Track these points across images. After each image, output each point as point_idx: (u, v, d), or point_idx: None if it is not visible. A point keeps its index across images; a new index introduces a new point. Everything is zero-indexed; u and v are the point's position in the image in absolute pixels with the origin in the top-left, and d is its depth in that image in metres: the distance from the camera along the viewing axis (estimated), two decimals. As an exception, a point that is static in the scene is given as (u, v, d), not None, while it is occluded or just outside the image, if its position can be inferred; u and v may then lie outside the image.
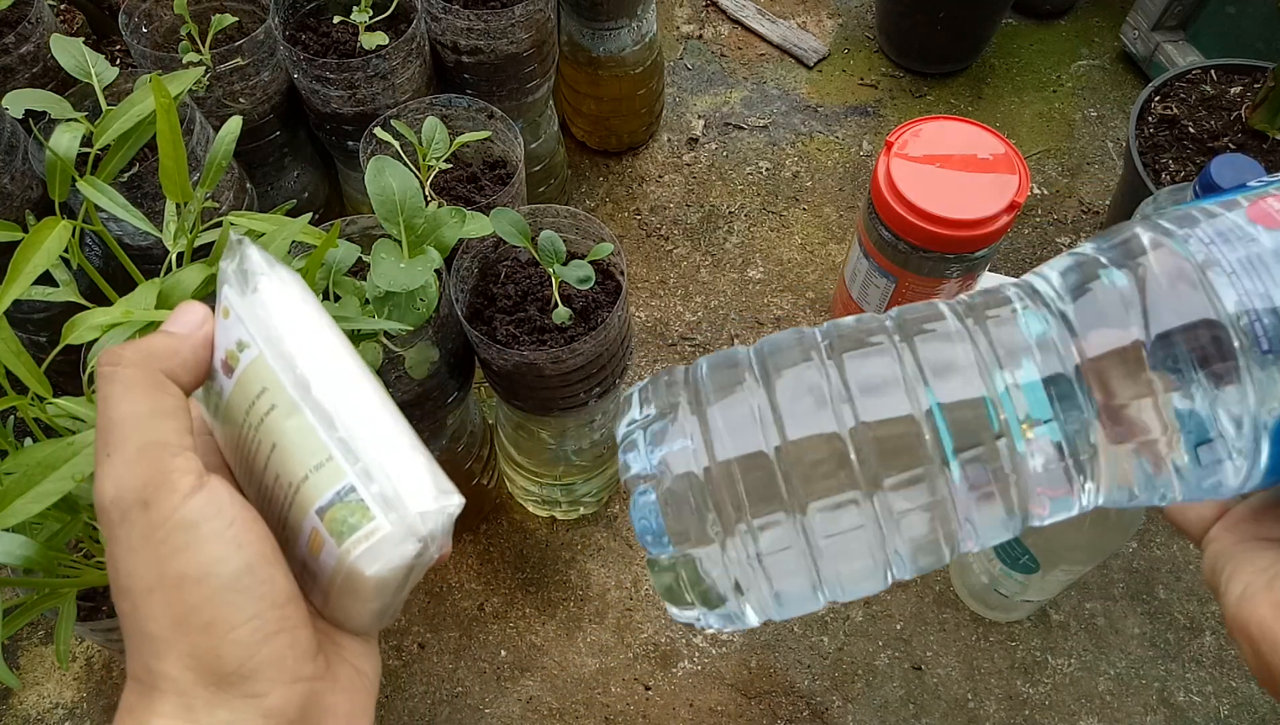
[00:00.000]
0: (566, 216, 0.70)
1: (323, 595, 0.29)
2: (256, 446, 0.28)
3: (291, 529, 0.28)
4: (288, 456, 0.28)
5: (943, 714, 0.82)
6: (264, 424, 0.28)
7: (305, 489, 0.27)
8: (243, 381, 0.28)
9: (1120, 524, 0.68)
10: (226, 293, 0.29)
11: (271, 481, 0.28)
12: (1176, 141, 0.94)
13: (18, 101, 0.58)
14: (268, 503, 0.29)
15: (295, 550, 0.29)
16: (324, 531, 0.27)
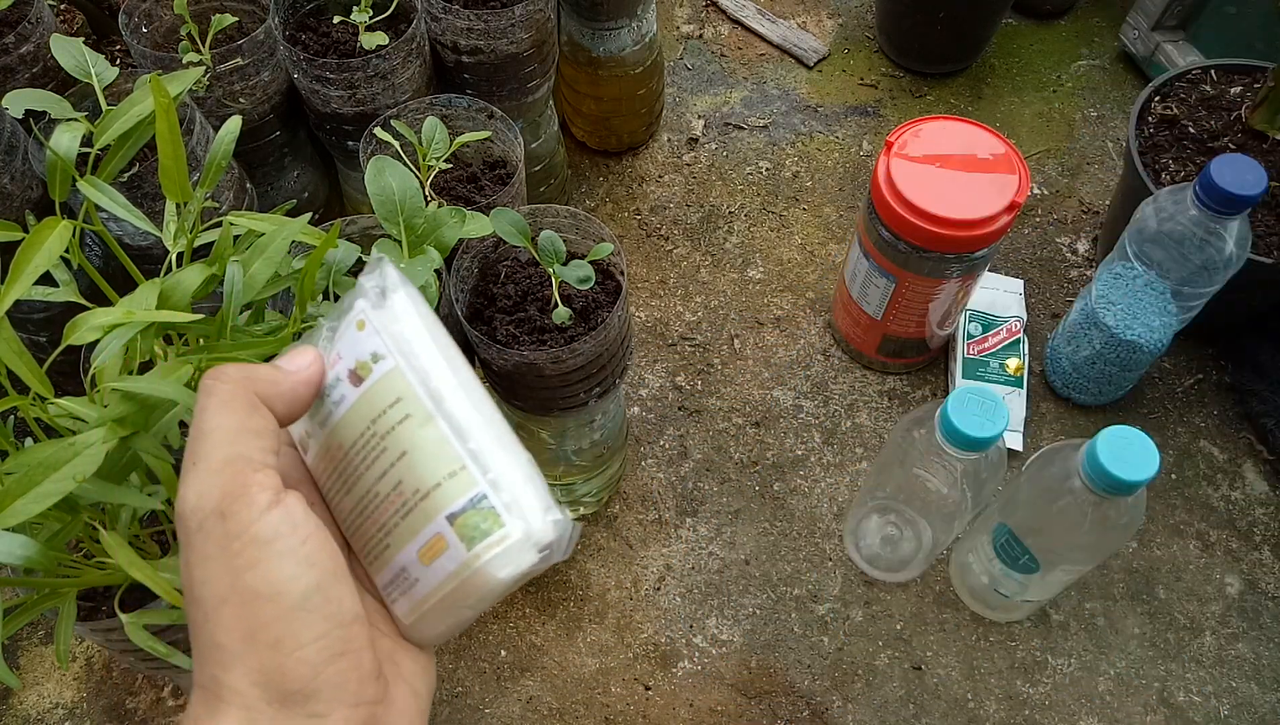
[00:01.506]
0: (566, 216, 0.70)
1: (414, 604, 0.31)
2: (377, 454, 0.30)
3: (398, 536, 0.30)
4: (418, 464, 0.29)
5: (943, 714, 0.82)
6: (394, 432, 0.29)
7: (436, 495, 0.29)
8: (373, 392, 0.30)
9: (1120, 524, 0.68)
10: (363, 306, 0.31)
11: (387, 489, 0.29)
12: (1176, 141, 0.94)
13: (18, 101, 0.58)
14: (368, 512, 0.30)
15: (389, 560, 0.30)
16: (452, 536, 0.29)
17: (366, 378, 0.30)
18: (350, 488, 0.31)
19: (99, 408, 0.44)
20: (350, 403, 0.30)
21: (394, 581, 0.31)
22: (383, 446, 0.30)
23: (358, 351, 0.30)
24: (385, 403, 0.29)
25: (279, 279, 0.52)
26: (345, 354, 0.30)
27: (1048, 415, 0.98)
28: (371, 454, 0.30)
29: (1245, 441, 0.97)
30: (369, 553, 0.31)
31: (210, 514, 0.27)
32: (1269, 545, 0.90)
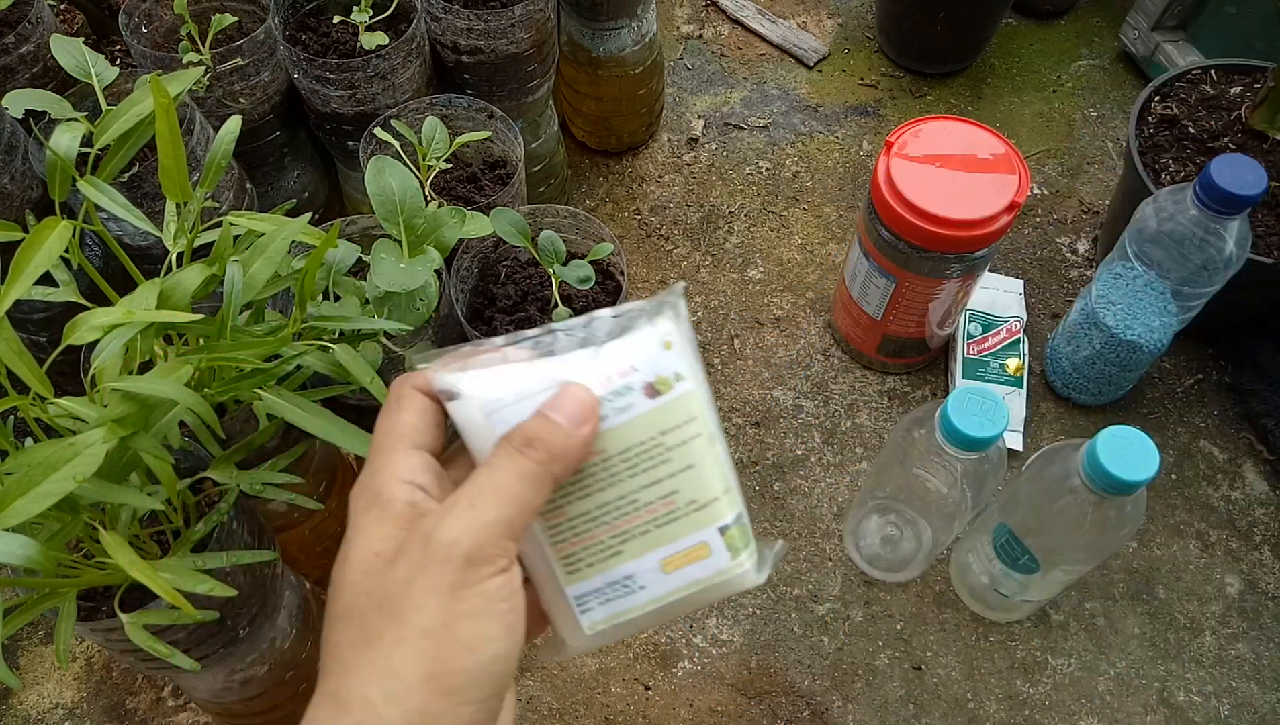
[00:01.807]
0: (566, 216, 0.70)
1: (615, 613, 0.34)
2: (656, 463, 0.32)
3: (642, 543, 0.33)
4: (702, 477, 0.32)
5: (943, 714, 0.82)
6: (685, 446, 0.32)
7: (713, 508, 0.32)
8: (670, 407, 0.32)
9: (1120, 524, 0.68)
10: (670, 329, 0.32)
11: (653, 496, 0.32)
12: (1176, 141, 0.94)
13: (18, 101, 0.58)
14: (607, 517, 0.33)
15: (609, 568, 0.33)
16: (719, 545, 0.33)
17: (665, 393, 0.32)
18: (591, 493, 0.33)
19: (99, 408, 0.44)
20: (637, 412, 0.32)
21: (601, 590, 0.34)
22: (667, 457, 0.32)
23: (659, 368, 0.32)
24: (680, 418, 0.32)
25: (279, 279, 0.52)
26: (642, 367, 0.32)
27: (1048, 415, 0.98)
28: (647, 462, 0.32)
29: (1245, 441, 0.97)
30: (578, 560, 0.33)
31: (460, 555, 0.29)
32: (1269, 545, 0.90)
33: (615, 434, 0.32)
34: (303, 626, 0.73)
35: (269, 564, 0.64)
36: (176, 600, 0.43)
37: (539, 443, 0.31)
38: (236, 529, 0.58)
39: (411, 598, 0.28)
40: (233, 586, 0.49)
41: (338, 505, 0.83)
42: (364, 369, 0.51)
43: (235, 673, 0.68)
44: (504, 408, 0.32)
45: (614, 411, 0.32)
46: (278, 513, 0.77)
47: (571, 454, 0.31)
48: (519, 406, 0.32)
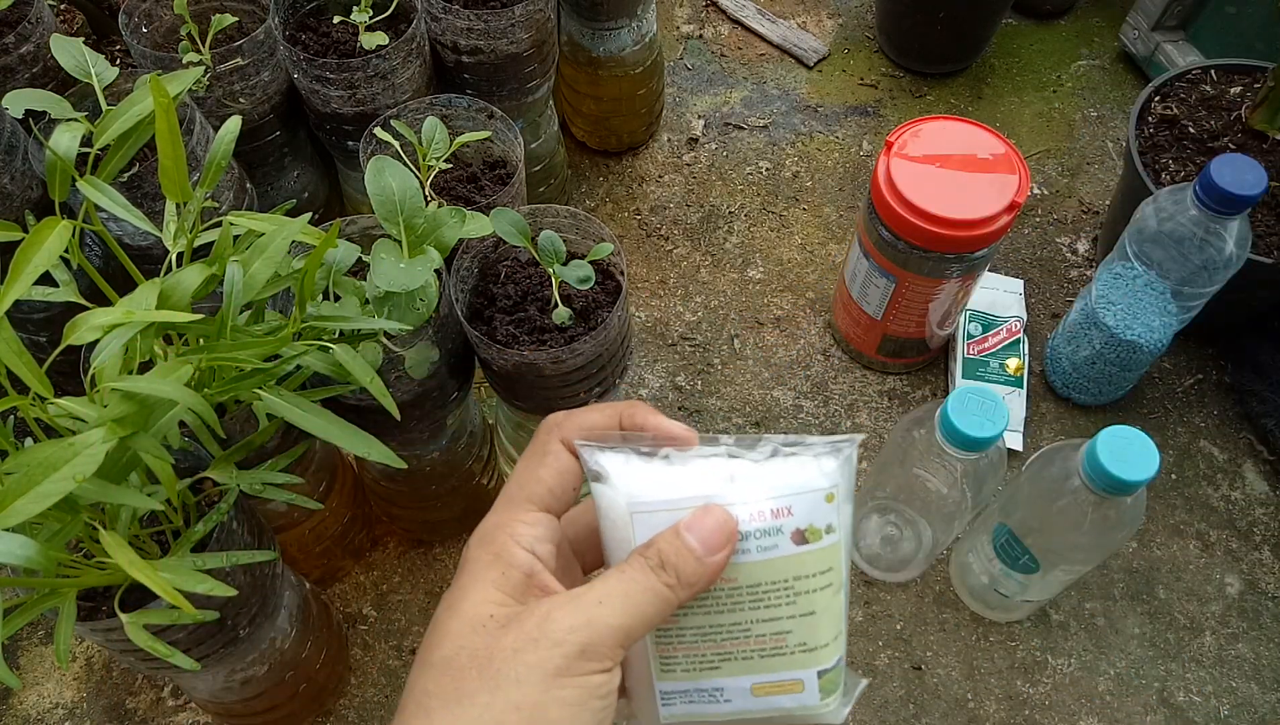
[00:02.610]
0: (566, 216, 0.70)
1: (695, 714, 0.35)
2: (780, 602, 0.33)
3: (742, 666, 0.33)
4: (819, 624, 0.33)
5: (943, 714, 0.82)
6: (812, 594, 0.33)
7: (820, 652, 0.33)
8: (811, 555, 0.32)
9: (1120, 524, 0.68)
10: (836, 479, 0.33)
11: (766, 630, 0.33)
12: (1176, 141, 0.94)
13: (18, 101, 0.58)
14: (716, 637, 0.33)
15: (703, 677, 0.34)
16: (813, 685, 0.34)
17: (812, 542, 0.32)
18: (710, 613, 0.33)
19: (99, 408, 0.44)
20: (779, 554, 0.32)
21: (688, 693, 0.34)
22: (792, 600, 0.33)
23: (814, 517, 0.32)
24: (817, 568, 0.32)
25: (279, 279, 0.52)
26: (798, 512, 0.32)
27: (1048, 415, 0.98)
28: (773, 600, 0.33)
29: (1245, 441, 0.97)
30: (675, 664, 0.34)
31: (574, 645, 0.29)
32: (1269, 545, 0.90)
33: (751, 568, 0.32)
34: (303, 626, 0.73)
35: (269, 564, 0.64)
36: (176, 600, 0.43)
37: (672, 567, 0.31)
38: (236, 529, 0.58)
39: (514, 668, 0.29)
40: (233, 586, 0.50)
41: (338, 505, 0.83)
42: (364, 369, 0.51)
43: (235, 673, 0.68)
44: (649, 511, 0.33)
45: (757, 548, 0.32)
46: (278, 513, 0.77)
47: (701, 582, 0.31)
48: (664, 515, 0.32)
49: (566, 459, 0.34)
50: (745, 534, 0.32)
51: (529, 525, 0.32)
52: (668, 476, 0.33)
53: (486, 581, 0.31)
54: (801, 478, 0.32)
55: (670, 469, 0.33)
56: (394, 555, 0.91)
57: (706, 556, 0.31)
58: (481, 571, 0.31)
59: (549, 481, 0.33)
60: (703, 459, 0.33)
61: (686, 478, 0.33)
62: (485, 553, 0.32)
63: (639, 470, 0.33)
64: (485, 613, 0.30)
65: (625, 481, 0.33)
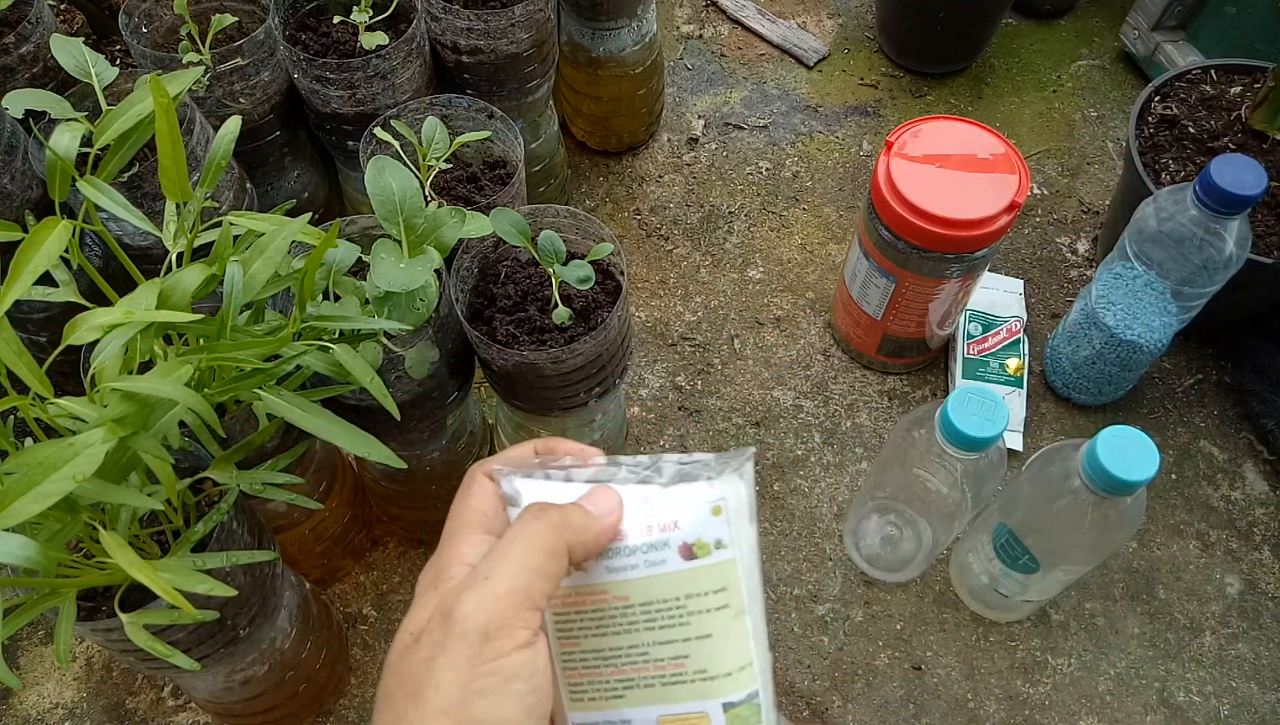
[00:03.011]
0: (566, 216, 0.70)
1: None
2: (674, 623, 0.32)
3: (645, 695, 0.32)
4: (717, 650, 0.32)
5: (943, 714, 0.82)
6: (706, 615, 0.31)
7: (722, 682, 0.32)
8: (701, 572, 0.31)
9: (1120, 524, 0.68)
10: (722, 496, 0.32)
11: (664, 655, 0.32)
12: (1176, 141, 0.94)
13: (18, 101, 0.58)
14: (616, 661, 0.33)
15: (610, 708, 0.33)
16: (717, 718, 0.32)
17: (701, 557, 0.31)
18: (607, 633, 0.33)
19: (99, 408, 0.44)
20: (668, 569, 0.32)
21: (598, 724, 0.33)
22: (685, 620, 0.31)
23: (702, 531, 0.32)
24: (709, 586, 0.31)
25: (279, 279, 0.52)
26: (684, 525, 0.32)
27: (1048, 415, 0.98)
28: (666, 620, 0.32)
29: (1245, 441, 0.97)
30: (582, 691, 0.33)
31: (475, 630, 0.28)
32: (1269, 545, 0.90)
33: (642, 584, 0.32)
34: (303, 626, 0.73)
35: (269, 564, 0.64)
36: (176, 600, 0.43)
37: (554, 510, 0.31)
38: (236, 529, 0.58)
39: (432, 676, 0.28)
40: (233, 586, 0.50)
41: (337, 505, 0.83)
42: (364, 369, 0.51)
43: (235, 673, 0.68)
44: None
45: (645, 562, 0.32)
46: (278, 513, 0.77)
47: (588, 534, 0.31)
48: None
49: (491, 487, 0.35)
50: (633, 548, 0.32)
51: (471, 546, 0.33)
52: (570, 492, 0.33)
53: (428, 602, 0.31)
54: (690, 493, 0.32)
55: (574, 489, 0.34)
56: (394, 555, 0.91)
57: (595, 513, 0.32)
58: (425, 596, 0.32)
59: (480, 506, 0.34)
60: (597, 477, 0.34)
61: (574, 491, 0.34)
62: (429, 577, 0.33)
63: (545, 490, 0.34)
64: (408, 632, 0.31)
65: (533, 498, 0.34)
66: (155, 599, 0.51)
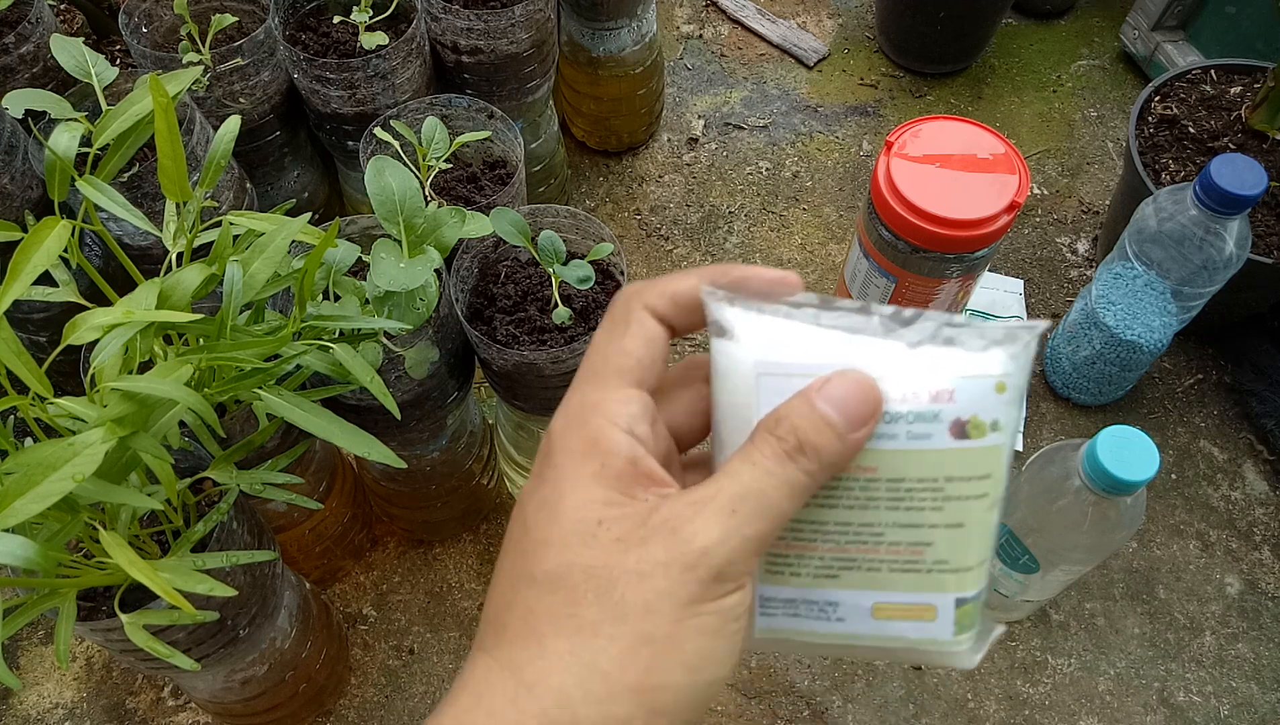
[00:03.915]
0: (566, 216, 0.70)
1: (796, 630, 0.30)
2: (924, 506, 0.27)
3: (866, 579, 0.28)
4: (965, 542, 0.28)
5: (943, 714, 0.82)
6: (964, 502, 0.27)
7: (963, 576, 0.28)
8: (969, 454, 0.27)
9: (1120, 524, 0.68)
10: (1010, 372, 0.27)
11: (903, 538, 0.28)
12: (1176, 141, 0.94)
13: (18, 101, 0.58)
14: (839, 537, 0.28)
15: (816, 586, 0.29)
16: (948, 615, 0.28)
17: (974, 438, 0.27)
18: (838, 506, 0.28)
19: (99, 408, 0.44)
20: (933, 446, 0.27)
21: (794, 603, 0.29)
22: (939, 505, 0.27)
23: (980, 408, 0.27)
24: (975, 471, 0.27)
25: (279, 279, 0.52)
26: (961, 399, 0.27)
27: (1048, 415, 0.98)
28: (916, 502, 0.27)
29: (1245, 441, 0.97)
30: (785, 564, 0.29)
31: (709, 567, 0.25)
32: (1269, 545, 0.90)
33: (897, 458, 0.27)
34: (303, 626, 0.73)
35: (269, 564, 0.64)
36: (176, 600, 0.43)
37: (813, 451, 0.26)
38: (236, 529, 0.58)
39: (642, 597, 0.24)
40: (233, 586, 0.49)
41: (337, 505, 0.83)
42: (364, 369, 0.51)
43: (235, 673, 0.68)
44: (781, 375, 0.27)
45: (907, 434, 0.27)
46: (278, 513, 0.77)
47: (841, 462, 0.26)
48: (797, 381, 0.27)
49: (653, 327, 0.29)
50: (895, 416, 0.27)
51: (623, 403, 0.27)
52: (806, 337, 0.27)
53: (585, 476, 0.26)
54: (969, 360, 0.27)
55: (809, 330, 0.27)
56: (394, 555, 0.91)
57: (848, 432, 0.26)
58: (576, 464, 0.26)
59: (637, 352, 0.28)
60: (847, 321, 0.27)
61: (828, 341, 0.27)
62: (577, 439, 0.27)
63: (771, 327, 0.27)
64: (592, 517, 0.25)
65: (754, 339, 0.27)
66: (155, 599, 0.51)
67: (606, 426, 0.27)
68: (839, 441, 0.26)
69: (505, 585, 0.27)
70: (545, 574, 0.25)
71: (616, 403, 0.27)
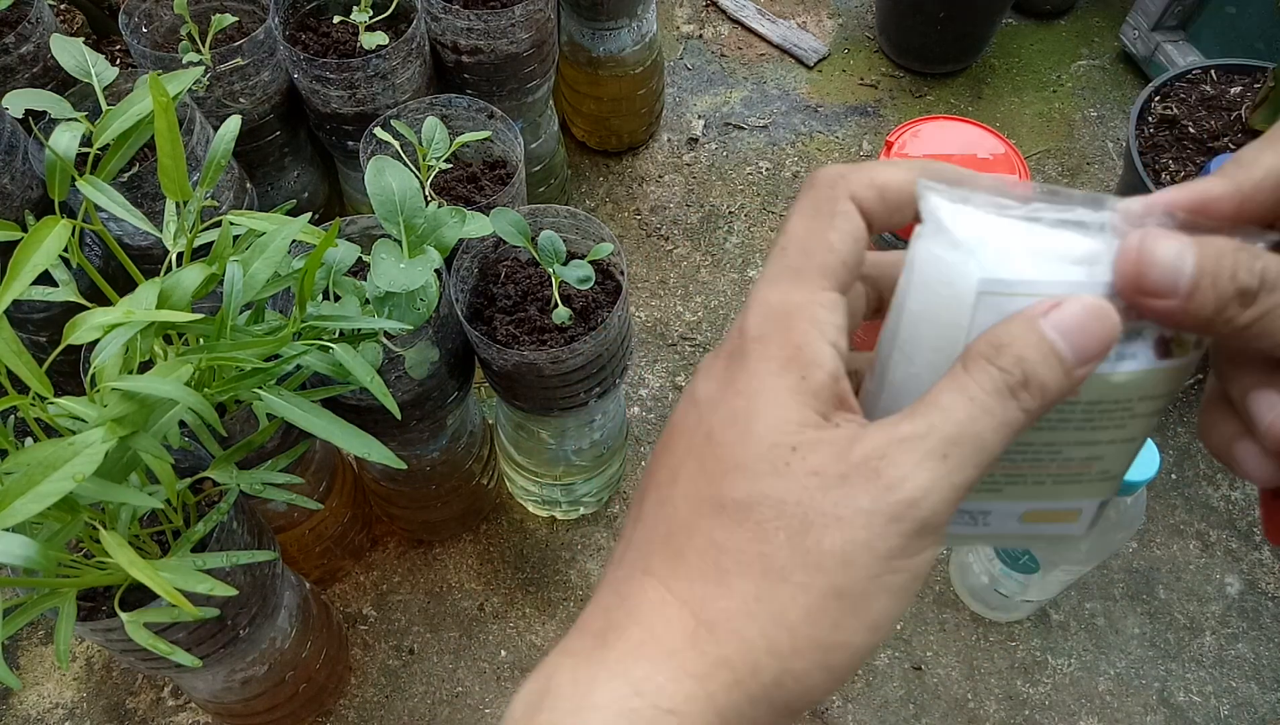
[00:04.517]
0: (566, 216, 0.70)
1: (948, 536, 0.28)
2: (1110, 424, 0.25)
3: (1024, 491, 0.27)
4: (1129, 453, 0.26)
5: (943, 714, 0.82)
6: (1144, 420, 0.26)
7: (1114, 483, 0.27)
8: (1169, 373, 0.25)
9: (1120, 524, 0.68)
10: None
11: (1078, 454, 0.26)
12: (1176, 141, 0.94)
13: (18, 101, 0.58)
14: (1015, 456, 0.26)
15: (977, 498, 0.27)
16: (1089, 516, 0.28)
17: (1177, 357, 0.24)
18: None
19: (99, 407, 0.44)
20: (1136, 366, 0.24)
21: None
22: (1124, 424, 0.25)
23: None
24: (1165, 388, 0.25)
25: (279, 279, 0.52)
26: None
27: (1048, 415, 0.98)
28: (1104, 422, 0.25)
29: (1245, 441, 0.97)
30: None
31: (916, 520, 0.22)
32: (1269, 545, 0.90)
33: (1099, 381, 0.24)
34: (303, 626, 0.73)
35: (269, 564, 0.64)
36: (176, 599, 0.43)
37: (1038, 387, 0.22)
38: (236, 529, 0.58)
39: (839, 545, 0.22)
40: (233, 586, 0.49)
41: (337, 505, 0.83)
42: (364, 369, 0.51)
43: (235, 672, 0.68)
44: (1005, 293, 0.23)
45: (1115, 355, 0.24)
46: (278, 513, 0.77)
47: (1060, 400, 0.23)
48: (1021, 301, 0.23)
49: (859, 222, 0.25)
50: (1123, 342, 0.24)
51: (829, 310, 0.24)
52: (1032, 246, 0.24)
53: (783, 390, 0.23)
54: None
55: (1034, 235, 0.24)
56: (394, 555, 0.91)
57: (1076, 367, 0.22)
58: (775, 375, 0.23)
59: (843, 249, 0.24)
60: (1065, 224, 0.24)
61: (1052, 250, 0.24)
62: (777, 346, 0.23)
63: (998, 231, 0.23)
64: (787, 443, 0.22)
65: (981, 246, 0.23)
66: (155, 599, 0.51)
67: (813, 334, 0.23)
68: (1066, 378, 0.22)
69: (683, 505, 0.24)
70: (734, 503, 0.23)
71: (822, 308, 0.24)
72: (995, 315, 0.23)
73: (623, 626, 0.23)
